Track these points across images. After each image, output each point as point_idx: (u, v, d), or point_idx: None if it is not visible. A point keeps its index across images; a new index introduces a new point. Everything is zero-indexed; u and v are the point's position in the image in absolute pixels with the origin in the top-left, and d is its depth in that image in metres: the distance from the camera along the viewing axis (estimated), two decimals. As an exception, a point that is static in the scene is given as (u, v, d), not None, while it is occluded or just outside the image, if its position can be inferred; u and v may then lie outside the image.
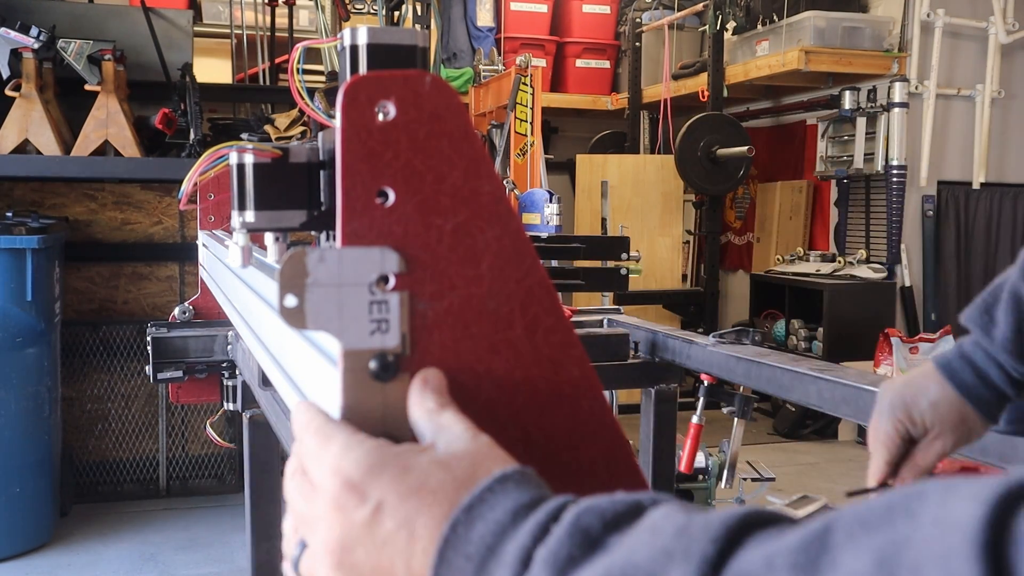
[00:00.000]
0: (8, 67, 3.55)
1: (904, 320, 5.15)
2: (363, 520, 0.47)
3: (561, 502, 0.44)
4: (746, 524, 0.38)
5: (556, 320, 0.56)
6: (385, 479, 0.47)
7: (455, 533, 0.44)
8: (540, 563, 0.41)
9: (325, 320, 0.52)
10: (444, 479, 0.46)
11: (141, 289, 3.94)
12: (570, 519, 0.42)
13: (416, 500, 0.46)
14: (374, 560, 0.46)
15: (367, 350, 0.53)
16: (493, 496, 0.45)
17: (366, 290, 0.53)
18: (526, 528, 0.42)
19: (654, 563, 0.38)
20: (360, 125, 0.53)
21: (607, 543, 0.41)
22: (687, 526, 0.39)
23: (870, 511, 0.34)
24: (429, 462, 0.48)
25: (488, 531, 0.43)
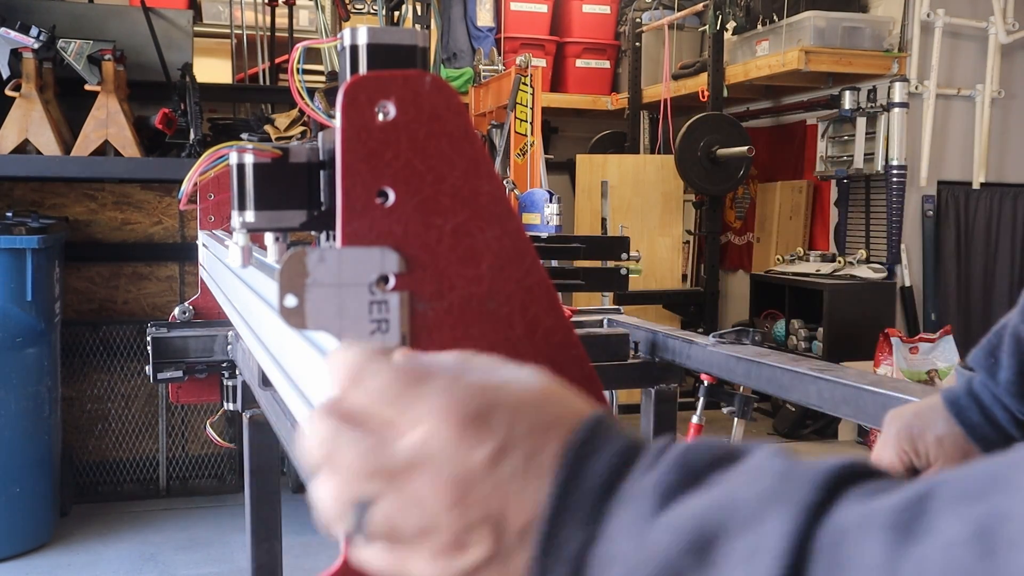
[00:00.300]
0: (8, 67, 3.55)
1: (904, 320, 5.16)
2: (486, 457, 0.45)
3: (664, 441, 0.46)
4: (848, 475, 0.39)
5: (556, 320, 0.56)
6: (503, 416, 0.46)
7: (573, 466, 0.45)
8: (647, 489, 0.43)
9: (325, 320, 0.52)
10: (552, 415, 0.47)
11: (141, 289, 3.94)
12: (675, 455, 0.44)
13: (539, 435, 0.46)
14: (498, 495, 0.45)
15: None
16: (600, 434, 0.46)
17: (366, 290, 0.53)
18: (641, 464, 0.44)
19: (756, 503, 0.39)
20: (360, 125, 0.53)
21: (710, 479, 0.42)
22: (790, 471, 0.40)
23: (973, 479, 0.34)
24: (534, 397, 0.47)
25: (603, 466, 0.45)
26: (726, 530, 0.39)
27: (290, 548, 2.11)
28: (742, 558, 0.38)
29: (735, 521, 0.39)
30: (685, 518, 0.40)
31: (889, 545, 0.35)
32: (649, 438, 0.47)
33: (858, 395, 1.24)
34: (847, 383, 1.27)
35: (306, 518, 3.13)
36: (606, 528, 0.43)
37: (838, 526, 0.37)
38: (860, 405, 1.24)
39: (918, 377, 4.64)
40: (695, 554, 0.39)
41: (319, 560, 3.13)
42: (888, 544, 0.35)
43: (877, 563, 0.35)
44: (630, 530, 0.42)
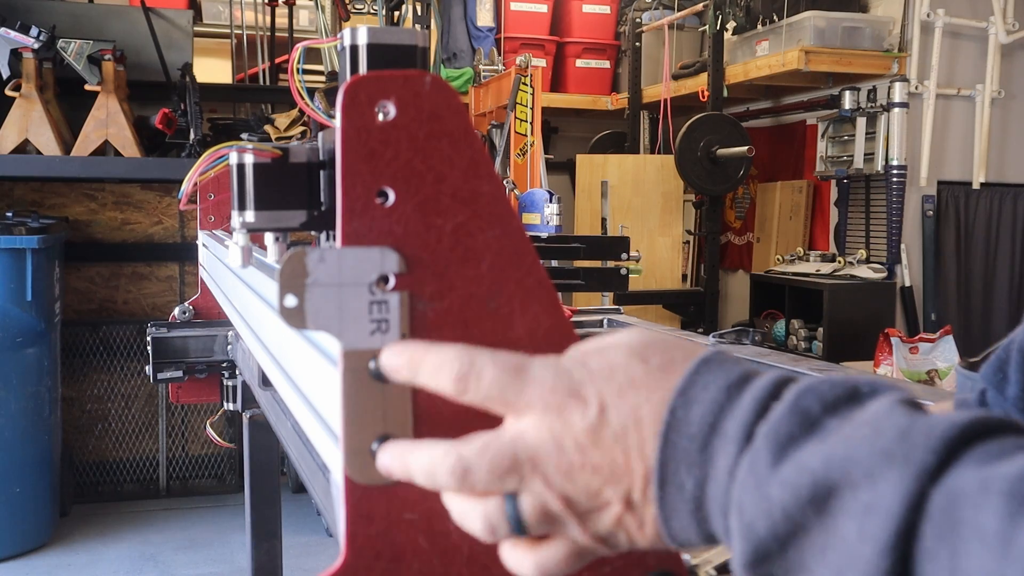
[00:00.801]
0: (8, 67, 3.55)
1: (904, 320, 5.16)
2: (591, 423, 0.48)
3: (775, 378, 0.46)
4: (971, 434, 0.39)
5: (556, 320, 0.56)
6: (598, 382, 0.49)
7: (675, 416, 0.46)
8: (762, 438, 0.43)
9: (325, 320, 0.52)
10: (648, 370, 0.49)
11: (141, 289, 3.94)
12: (791, 398, 0.44)
13: (633, 393, 0.48)
14: (610, 457, 0.48)
15: (367, 350, 0.53)
16: (702, 378, 0.47)
17: (366, 290, 0.53)
18: (744, 405, 0.45)
19: (873, 462, 0.39)
20: (360, 125, 0.53)
21: (826, 425, 0.42)
22: (909, 430, 0.40)
23: None
24: (628, 357, 0.49)
25: (707, 411, 0.46)
26: (843, 487, 0.40)
27: (290, 548, 2.11)
28: (858, 512, 0.39)
29: (852, 477, 0.40)
30: (804, 473, 0.41)
31: (1005, 512, 0.35)
32: (753, 368, 0.48)
33: (858, 395, 1.24)
34: (847, 383, 1.26)
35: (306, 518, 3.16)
36: (715, 466, 0.45)
37: (955, 490, 0.37)
38: (860, 405, 1.24)
39: (918, 377, 4.64)
40: (813, 506, 0.41)
41: (319, 560, 3.14)
42: (1004, 511, 0.35)
43: (993, 529, 0.35)
44: (749, 481, 0.43)
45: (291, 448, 1.30)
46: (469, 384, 0.50)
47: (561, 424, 0.48)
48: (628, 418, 0.48)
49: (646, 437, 0.47)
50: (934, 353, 4.76)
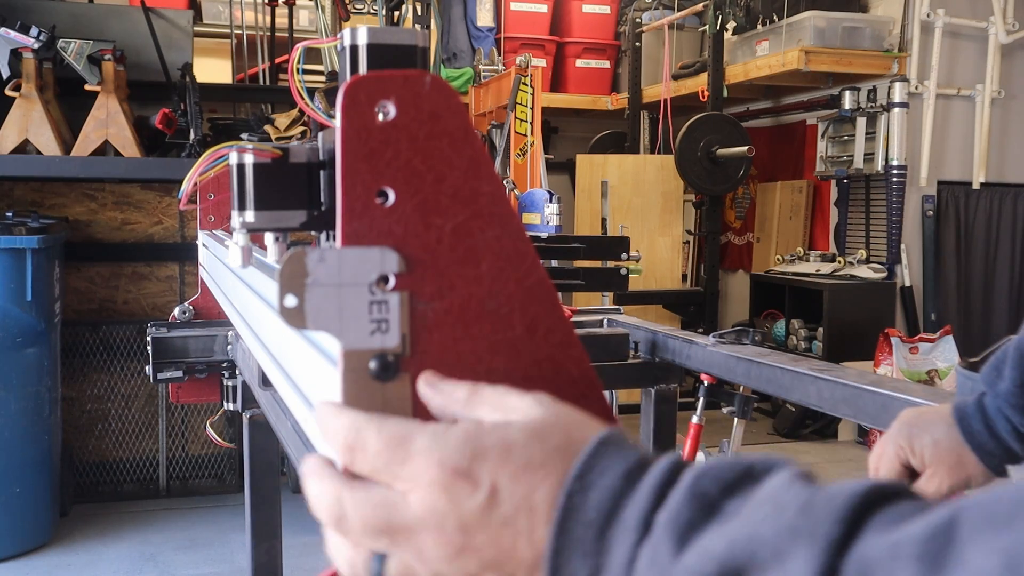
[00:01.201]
0: (8, 67, 3.55)
1: (904, 320, 5.16)
2: (480, 506, 0.46)
3: (671, 463, 0.44)
4: (870, 501, 0.38)
5: (556, 320, 0.56)
6: (492, 462, 0.47)
7: (571, 502, 0.44)
8: (662, 527, 0.42)
9: (325, 320, 0.52)
10: (546, 450, 0.47)
11: (141, 289, 3.94)
12: (688, 483, 0.43)
13: (528, 476, 0.46)
14: (496, 543, 0.46)
15: (367, 350, 0.53)
16: (600, 462, 0.45)
17: (366, 290, 0.53)
18: (642, 492, 0.43)
19: (779, 540, 0.38)
20: (360, 125, 0.53)
21: (725, 507, 0.41)
22: (811, 502, 0.39)
23: (997, 505, 0.34)
24: (525, 436, 0.47)
25: (604, 497, 0.44)
26: (751, 569, 0.39)
27: (290, 548, 2.11)
28: None
29: (760, 558, 0.38)
30: (709, 560, 0.39)
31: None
32: (650, 453, 0.45)
33: (858, 395, 1.24)
34: (847, 383, 1.27)
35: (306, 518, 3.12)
36: (611, 557, 0.43)
37: (865, 560, 0.36)
38: (860, 405, 1.24)
39: (918, 377, 4.64)
40: None
41: (319, 560, 3.13)
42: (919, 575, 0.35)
43: None
44: (651, 573, 0.41)
45: (291, 448, 1.31)
46: (356, 456, 0.49)
47: (446, 502, 0.46)
48: (521, 503, 0.46)
49: (538, 523, 0.45)
50: (934, 353, 4.76)
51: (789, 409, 5.08)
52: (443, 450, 0.47)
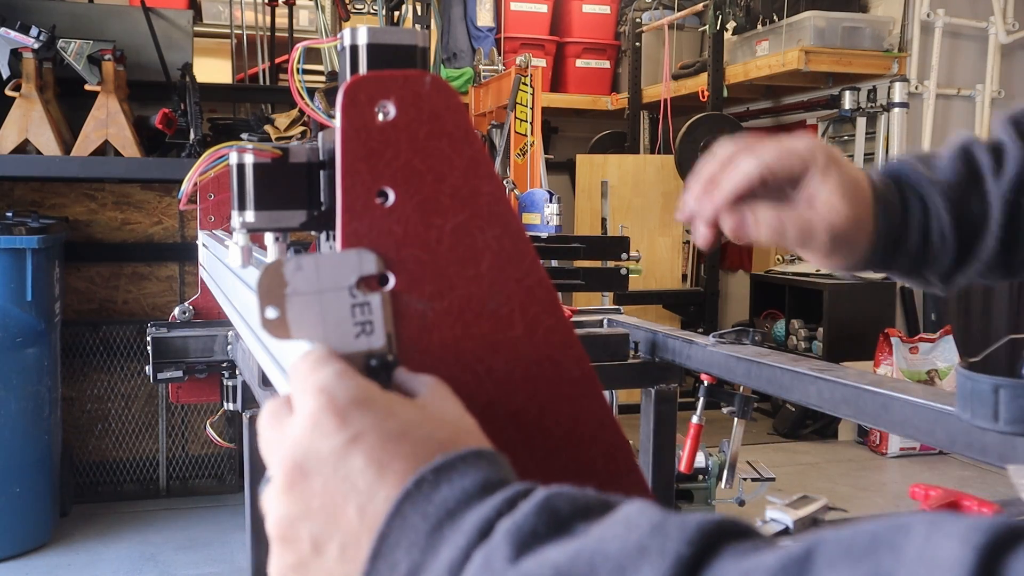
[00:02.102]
0: (8, 67, 3.55)
1: (904, 320, 5.16)
2: (334, 448, 0.45)
3: (531, 485, 0.43)
4: (722, 532, 0.37)
5: (556, 320, 0.56)
6: (371, 415, 0.46)
7: (418, 489, 0.43)
8: (502, 533, 0.40)
9: (308, 328, 0.52)
10: (427, 435, 0.45)
11: (141, 289, 3.94)
12: (540, 498, 0.41)
13: (394, 445, 0.45)
14: (330, 493, 0.45)
15: (354, 353, 0.52)
16: (466, 466, 0.43)
17: (347, 294, 0.52)
18: (492, 502, 0.42)
19: (626, 556, 0.37)
20: (360, 125, 0.53)
21: (575, 528, 0.40)
22: (663, 524, 0.38)
23: (854, 539, 0.33)
24: (417, 414, 0.47)
25: (452, 496, 0.42)
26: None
27: (290, 548, 2.11)
28: None
29: (600, 573, 0.37)
30: (546, 567, 0.38)
31: None
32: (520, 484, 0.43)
33: (858, 395, 1.24)
34: (847, 383, 1.27)
35: (306, 518, 3.10)
36: (436, 557, 0.41)
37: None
38: (860, 405, 1.24)
39: (918, 377, 4.64)
40: None
41: (319, 560, 3.13)
42: None
43: None
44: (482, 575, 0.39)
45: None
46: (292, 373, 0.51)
47: (305, 431, 0.46)
48: (373, 467, 0.44)
49: (377, 495, 0.44)
50: (934, 353, 4.76)
51: (789, 409, 5.08)
52: (335, 382, 0.47)
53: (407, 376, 0.52)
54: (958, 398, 1.03)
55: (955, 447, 1.08)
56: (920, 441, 1.19)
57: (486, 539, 0.40)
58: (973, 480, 4.30)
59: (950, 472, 4.47)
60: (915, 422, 1.13)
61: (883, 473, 4.54)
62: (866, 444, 4.89)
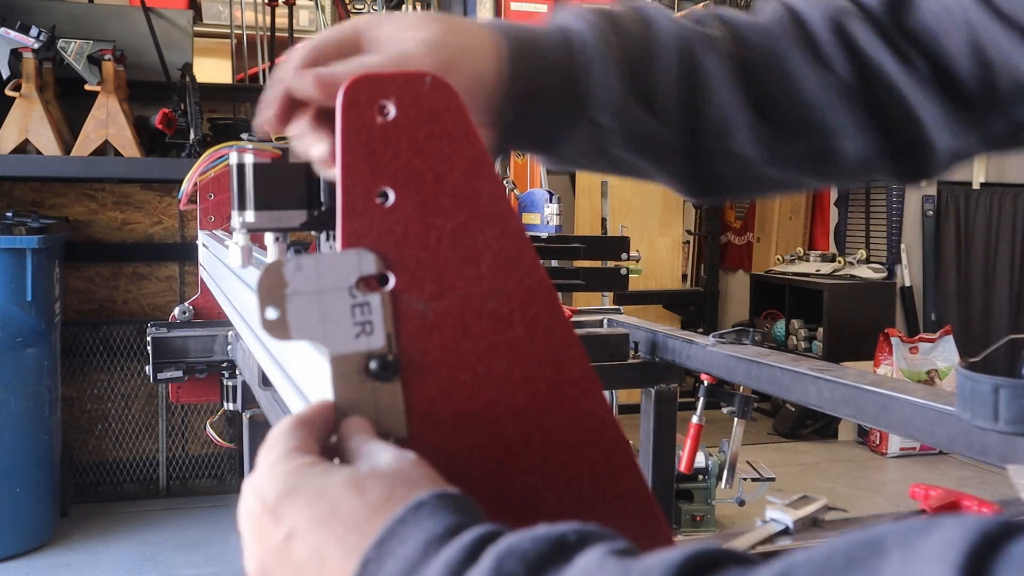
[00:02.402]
0: (8, 67, 3.55)
1: (904, 320, 5.16)
2: (277, 545, 0.45)
3: (478, 535, 0.41)
4: (689, 571, 0.35)
5: (556, 320, 0.56)
6: (298, 503, 0.45)
7: (365, 570, 0.41)
8: None
9: (309, 329, 0.52)
10: (356, 506, 0.44)
11: (141, 289, 3.94)
12: (489, 564, 0.38)
13: (326, 529, 0.43)
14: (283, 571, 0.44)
15: (354, 354, 0.52)
16: (405, 528, 0.42)
17: (347, 294, 0.52)
18: (437, 565, 0.39)
19: None
20: (360, 125, 0.53)
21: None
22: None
23: (828, 562, 0.32)
24: (344, 484, 0.45)
25: (398, 569, 0.40)
26: None
27: (290, 548, 2.11)
28: None
29: None
30: None
31: None
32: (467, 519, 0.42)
33: (858, 395, 1.24)
34: (847, 383, 1.27)
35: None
36: None
37: None
38: (860, 405, 1.24)
39: (918, 377, 4.64)
40: None
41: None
42: None
43: None
44: None
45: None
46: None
47: (252, 535, 0.46)
48: (313, 553, 0.43)
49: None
50: (934, 353, 4.76)
51: (789, 409, 5.08)
52: (264, 480, 0.47)
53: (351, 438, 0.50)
54: (958, 398, 1.03)
55: (955, 447, 1.08)
56: (920, 441, 1.19)
57: None
58: (973, 480, 4.30)
59: (950, 472, 4.47)
60: (915, 422, 1.13)
61: (883, 473, 4.55)
62: (866, 444, 4.89)
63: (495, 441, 0.54)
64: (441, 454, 0.53)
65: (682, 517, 3.36)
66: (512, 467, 0.54)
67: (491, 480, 0.54)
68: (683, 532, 3.32)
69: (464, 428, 0.54)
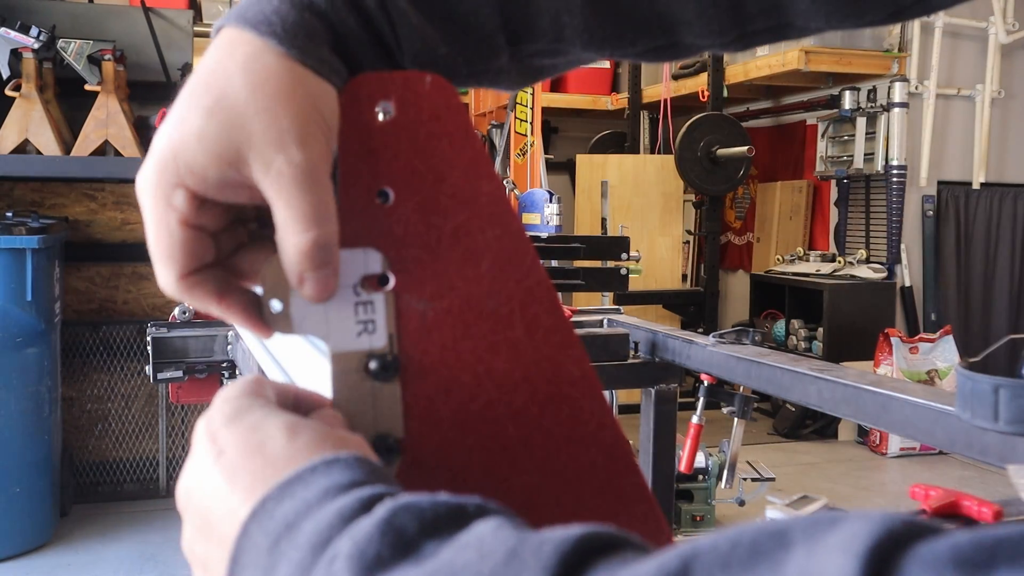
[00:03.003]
0: (8, 67, 3.55)
1: (904, 320, 5.16)
2: (206, 465, 0.45)
3: (379, 491, 0.40)
4: (584, 549, 0.34)
5: (556, 320, 0.56)
6: (235, 430, 0.45)
7: (263, 507, 0.41)
8: (344, 559, 0.37)
9: (312, 324, 0.52)
10: (283, 445, 0.44)
11: (141, 289, 3.94)
12: (382, 514, 0.38)
13: (248, 459, 0.43)
14: (202, 513, 0.45)
15: (356, 351, 0.53)
16: (314, 476, 0.41)
17: (351, 291, 0.53)
18: (329, 509, 0.39)
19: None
20: (360, 125, 0.53)
21: (423, 548, 0.37)
22: (518, 549, 0.35)
23: (733, 551, 0.31)
24: (280, 425, 0.45)
25: (292, 509, 0.40)
26: None
27: (290, 548, 2.11)
28: None
29: None
30: None
31: None
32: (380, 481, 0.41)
33: (858, 395, 1.24)
34: (847, 383, 1.27)
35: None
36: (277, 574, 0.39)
37: None
38: (860, 405, 1.24)
39: (918, 377, 4.64)
40: None
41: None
42: None
43: None
44: None
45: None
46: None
47: (194, 457, 0.46)
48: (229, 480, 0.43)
49: (236, 511, 0.42)
50: (934, 353, 4.76)
51: (789, 409, 5.08)
52: (214, 413, 0.47)
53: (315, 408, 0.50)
54: (958, 398, 1.03)
55: (955, 447, 1.08)
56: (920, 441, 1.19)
57: (322, 555, 0.38)
58: (973, 480, 4.30)
59: (950, 472, 4.47)
60: (915, 422, 1.13)
61: (883, 473, 4.55)
62: (866, 444, 4.89)
63: (495, 441, 0.54)
64: (441, 454, 0.53)
65: (682, 517, 3.36)
66: (512, 467, 0.54)
67: (491, 480, 0.54)
68: (683, 532, 3.32)
69: (464, 428, 0.54)
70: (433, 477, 0.53)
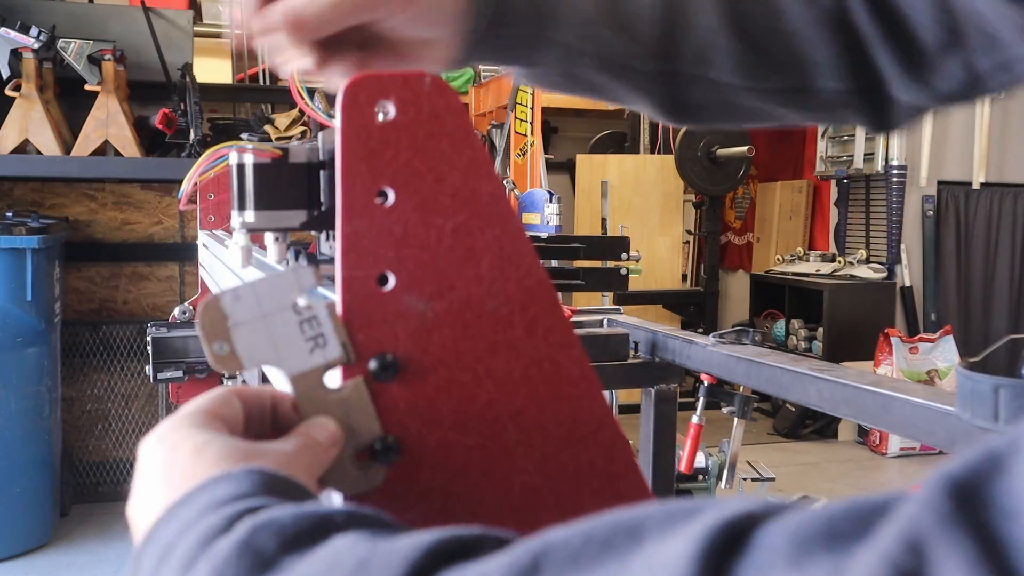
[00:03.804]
0: (8, 67, 3.55)
1: (904, 320, 5.16)
2: (137, 481, 0.48)
3: (248, 507, 0.40)
4: (435, 555, 0.34)
5: (556, 320, 0.56)
6: (160, 451, 0.47)
7: (155, 529, 0.42)
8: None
9: (261, 355, 0.52)
10: (189, 465, 0.44)
11: (141, 289, 3.94)
12: (241, 534, 0.38)
13: (160, 481, 0.45)
14: (133, 513, 0.47)
15: (312, 369, 0.52)
16: (200, 494, 0.42)
17: (291, 312, 0.52)
18: (197, 529, 0.39)
19: None
20: (360, 125, 0.53)
21: (281, 565, 0.36)
22: (368, 560, 0.34)
23: (587, 543, 0.31)
24: (192, 446, 0.46)
25: (175, 530, 0.40)
26: None
27: (290, 548, 2.11)
28: None
29: None
30: None
31: None
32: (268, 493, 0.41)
33: (858, 395, 1.24)
34: (847, 383, 1.27)
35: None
36: None
37: None
38: (860, 405, 1.24)
39: (918, 377, 4.64)
40: None
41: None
42: None
43: None
44: None
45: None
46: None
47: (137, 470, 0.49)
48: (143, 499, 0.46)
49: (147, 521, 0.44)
50: (934, 353, 4.76)
51: (789, 409, 5.08)
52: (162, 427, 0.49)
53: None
54: (958, 398, 1.03)
55: (955, 447, 1.08)
56: (920, 441, 1.19)
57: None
58: (973, 480, 4.29)
59: (950, 472, 4.46)
60: (915, 422, 1.13)
61: (883, 473, 4.55)
62: (866, 444, 4.89)
63: (495, 441, 0.54)
64: (441, 454, 0.53)
65: (682, 517, 3.36)
66: (512, 467, 0.54)
67: (491, 480, 0.54)
68: (683, 532, 3.32)
69: (464, 428, 0.54)
70: (433, 477, 0.53)
